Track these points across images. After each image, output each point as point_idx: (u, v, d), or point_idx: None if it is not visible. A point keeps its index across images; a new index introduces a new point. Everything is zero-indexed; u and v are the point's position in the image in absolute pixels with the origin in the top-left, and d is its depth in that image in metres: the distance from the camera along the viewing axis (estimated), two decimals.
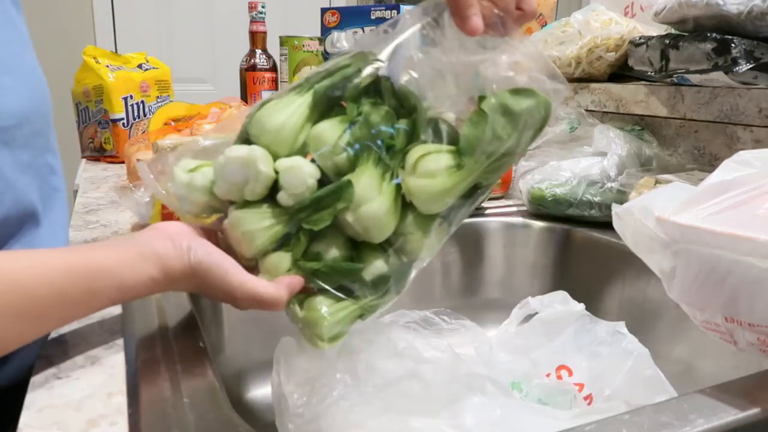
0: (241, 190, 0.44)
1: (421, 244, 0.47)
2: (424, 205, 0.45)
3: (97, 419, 0.35)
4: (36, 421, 0.35)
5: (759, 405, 0.37)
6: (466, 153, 0.45)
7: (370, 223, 0.44)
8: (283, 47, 1.29)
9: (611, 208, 0.51)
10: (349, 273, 0.45)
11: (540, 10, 1.18)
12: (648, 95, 0.85)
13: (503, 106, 0.45)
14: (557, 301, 0.61)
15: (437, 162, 0.44)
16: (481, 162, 0.45)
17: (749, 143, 0.75)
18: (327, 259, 0.45)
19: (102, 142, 1.17)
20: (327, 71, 0.47)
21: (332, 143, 0.44)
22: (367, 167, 0.44)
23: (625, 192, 0.75)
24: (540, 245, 0.83)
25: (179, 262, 0.41)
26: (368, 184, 0.43)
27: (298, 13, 2.81)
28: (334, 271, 0.45)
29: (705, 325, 0.44)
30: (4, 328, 0.35)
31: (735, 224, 0.39)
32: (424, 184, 0.44)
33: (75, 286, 0.37)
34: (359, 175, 0.44)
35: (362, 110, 0.45)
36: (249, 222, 0.44)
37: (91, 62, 1.14)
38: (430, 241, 0.47)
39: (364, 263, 0.45)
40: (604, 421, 0.35)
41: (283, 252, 0.45)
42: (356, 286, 0.45)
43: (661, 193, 0.47)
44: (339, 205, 0.43)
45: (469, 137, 0.45)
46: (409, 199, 0.45)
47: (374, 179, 0.44)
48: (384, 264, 0.46)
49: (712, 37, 0.71)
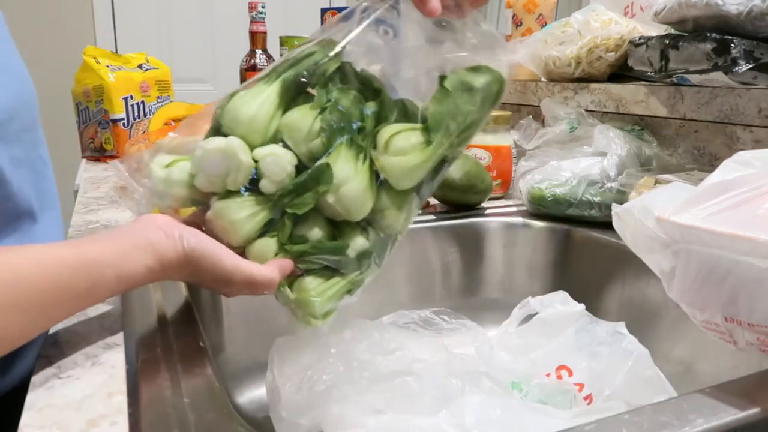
0: (223, 181, 0.45)
1: (397, 218, 0.50)
2: (399, 182, 0.48)
3: (97, 419, 0.35)
4: (36, 420, 0.35)
5: (759, 405, 0.37)
6: (434, 129, 0.48)
7: (350, 202, 0.46)
8: (283, 47, 1.29)
9: (611, 208, 0.51)
10: (334, 251, 0.47)
11: (540, 10, 1.18)
12: (648, 95, 0.85)
13: (463, 83, 0.49)
14: (557, 301, 0.61)
15: (408, 140, 0.47)
16: (448, 136, 0.48)
17: (749, 143, 0.75)
18: (312, 241, 0.47)
19: (102, 142, 1.17)
20: (294, 59, 0.48)
21: (306, 129, 0.46)
22: (341, 150, 0.46)
23: (625, 192, 0.75)
24: (540, 245, 0.83)
25: (173, 250, 0.42)
26: (345, 166, 0.45)
27: (298, 13, 2.81)
28: (320, 251, 0.46)
29: (705, 325, 0.44)
30: (10, 324, 0.35)
31: (735, 224, 0.39)
32: (398, 161, 0.47)
33: (77, 280, 0.37)
34: (335, 158, 0.45)
35: (331, 96, 0.47)
36: (234, 211, 0.45)
37: (92, 62, 1.14)
38: (405, 215, 0.50)
39: (347, 241, 0.47)
40: (603, 421, 0.35)
41: (268, 238, 0.46)
42: (341, 263, 0.47)
43: (661, 193, 0.47)
44: (320, 188, 0.45)
45: (436, 114, 0.48)
46: (384, 177, 0.47)
47: (350, 161, 0.46)
48: (365, 240, 0.48)
49: (711, 37, 0.71)
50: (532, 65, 1.05)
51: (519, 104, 1.15)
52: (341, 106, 0.46)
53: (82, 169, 1.13)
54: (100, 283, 0.39)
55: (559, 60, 0.98)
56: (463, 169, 0.83)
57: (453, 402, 0.42)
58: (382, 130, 0.48)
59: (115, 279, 0.39)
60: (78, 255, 0.38)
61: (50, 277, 0.36)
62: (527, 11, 1.19)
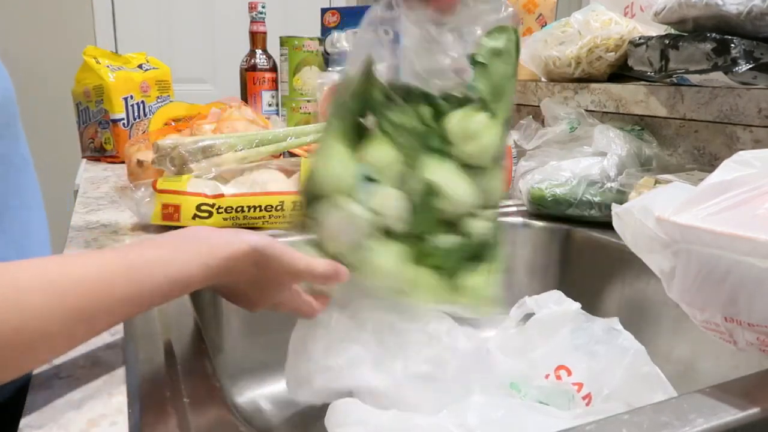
0: (355, 240, 0.49)
1: (497, 191, 0.55)
2: (487, 161, 0.52)
3: (98, 419, 0.35)
4: (36, 420, 0.35)
5: (759, 405, 0.37)
6: (493, 100, 0.52)
7: (460, 201, 0.51)
8: (284, 47, 1.29)
9: (611, 208, 0.51)
10: (477, 247, 0.52)
11: (540, 10, 1.18)
12: (648, 95, 0.85)
13: (491, 50, 0.52)
14: (552, 301, 0.61)
15: (476, 121, 0.51)
16: (506, 101, 0.53)
17: (749, 143, 0.75)
18: (445, 248, 0.51)
19: (102, 142, 1.17)
20: (338, 101, 0.51)
21: (388, 162, 0.50)
22: (434, 163, 0.50)
23: (625, 192, 0.75)
24: (540, 245, 0.83)
25: (235, 244, 0.41)
26: (448, 175, 0.50)
27: (298, 13, 2.81)
28: (464, 250, 0.51)
29: (705, 325, 0.44)
30: (74, 330, 0.34)
31: (735, 224, 0.39)
32: (478, 144, 0.51)
33: (118, 284, 0.36)
34: (434, 172, 0.50)
35: (394, 122, 0.50)
36: (383, 259, 0.49)
37: (92, 62, 1.14)
38: (497, 182, 0.55)
39: (471, 232, 0.52)
40: (603, 421, 0.35)
41: (420, 268, 0.50)
42: (482, 251, 0.52)
43: (661, 193, 0.47)
44: (439, 204, 0.50)
45: (488, 86, 0.52)
46: (472, 163, 0.51)
47: (447, 168, 0.50)
48: (484, 222, 0.53)
49: (711, 37, 0.71)
50: (532, 65, 1.05)
51: (519, 104, 1.15)
52: (409, 127, 0.50)
53: (82, 169, 1.13)
54: (146, 286, 0.37)
55: (559, 60, 0.98)
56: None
57: (457, 402, 0.42)
58: (449, 124, 0.51)
59: (165, 280, 0.37)
60: (118, 258, 0.37)
61: (87, 282, 0.35)
62: (527, 11, 1.19)
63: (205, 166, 0.78)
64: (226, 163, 0.80)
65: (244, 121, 0.95)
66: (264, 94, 1.32)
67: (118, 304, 0.36)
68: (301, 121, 1.29)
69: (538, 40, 1.02)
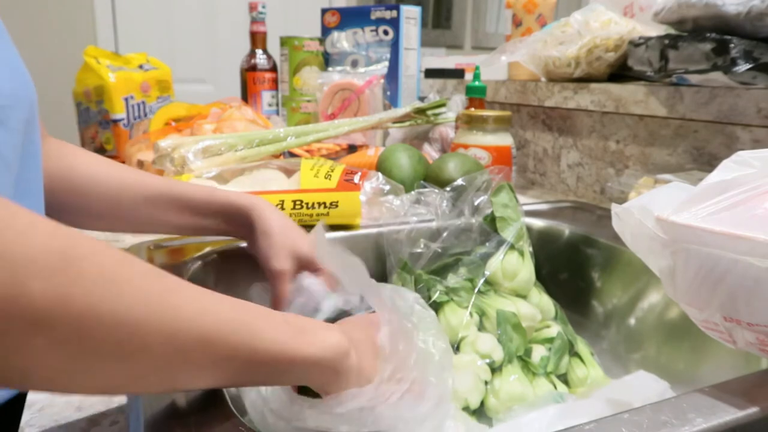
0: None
1: (547, 303, 0.67)
2: (527, 290, 0.65)
3: (98, 418, 0.35)
4: (37, 420, 0.35)
5: (758, 404, 0.37)
6: (518, 238, 0.66)
7: (533, 314, 0.63)
8: (284, 47, 1.29)
9: (611, 207, 0.51)
10: (562, 348, 0.62)
11: (540, 10, 1.19)
12: (647, 95, 0.85)
13: (500, 204, 0.69)
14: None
15: (511, 262, 0.64)
16: (523, 232, 0.68)
17: (748, 143, 0.75)
18: (544, 355, 0.61)
19: (103, 143, 1.17)
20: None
21: (461, 325, 0.59)
22: (495, 301, 0.62)
23: (624, 192, 0.75)
24: (540, 245, 0.83)
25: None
26: (509, 303, 0.62)
27: (298, 13, 2.81)
28: (555, 353, 0.61)
29: (704, 325, 0.44)
30: (197, 379, 0.29)
31: (734, 224, 0.39)
32: (520, 279, 0.64)
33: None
34: (502, 305, 0.61)
35: (438, 300, 0.61)
36: (511, 386, 0.56)
37: (92, 62, 1.14)
38: (546, 298, 0.68)
39: (552, 337, 0.62)
40: (603, 421, 0.35)
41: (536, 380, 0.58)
42: (568, 349, 0.62)
43: (660, 192, 0.47)
44: (521, 324, 0.60)
45: (505, 228, 0.67)
46: (520, 295, 0.65)
47: (503, 302, 0.62)
48: (555, 327, 0.64)
49: (711, 37, 0.71)
50: (531, 65, 1.05)
51: (519, 104, 1.15)
52: (461, 292, 0.62)
53: None
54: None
55: (558, 60, 0.98)
56: (462, 169, 0.83)
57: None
58: (492, 274, 0.64)
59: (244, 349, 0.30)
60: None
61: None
62: (527, 11, 1.19)
63: (205, 166, 0.78)
64: (226, 163, 0.80)
65: (244, 121, 0.95)
66: (264, 94, 1.32)
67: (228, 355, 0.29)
68: (301, 121, 1.30)
69: (537, 40, 1.02)
